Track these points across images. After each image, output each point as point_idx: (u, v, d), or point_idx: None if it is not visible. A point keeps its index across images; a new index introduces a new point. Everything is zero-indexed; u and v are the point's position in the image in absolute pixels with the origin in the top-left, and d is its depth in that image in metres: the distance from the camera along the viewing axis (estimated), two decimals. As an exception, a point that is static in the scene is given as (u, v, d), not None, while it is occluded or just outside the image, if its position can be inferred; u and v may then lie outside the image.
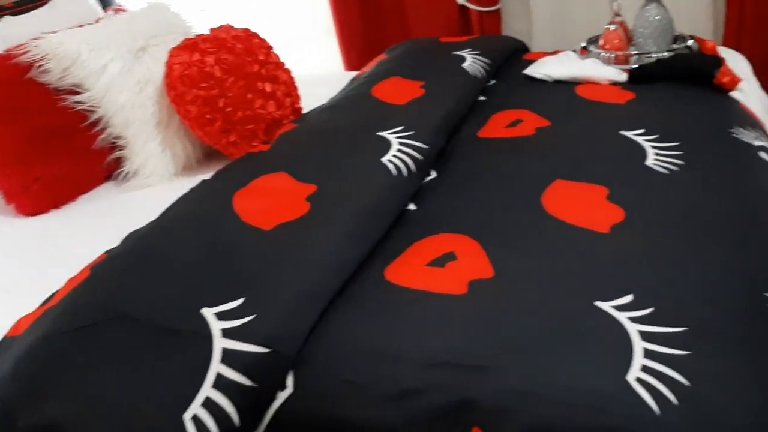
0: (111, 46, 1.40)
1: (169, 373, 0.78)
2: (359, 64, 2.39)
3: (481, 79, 1.59)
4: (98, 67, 1.36)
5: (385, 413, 0.74)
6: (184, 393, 0.75)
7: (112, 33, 1.43)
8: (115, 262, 0.95)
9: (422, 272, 0.91)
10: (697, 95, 1.43)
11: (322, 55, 2.65)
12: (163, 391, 0.76)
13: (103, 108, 1.37)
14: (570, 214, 1.01)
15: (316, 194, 1.04)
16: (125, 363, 0.80)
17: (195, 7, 2.54)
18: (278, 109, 1.40)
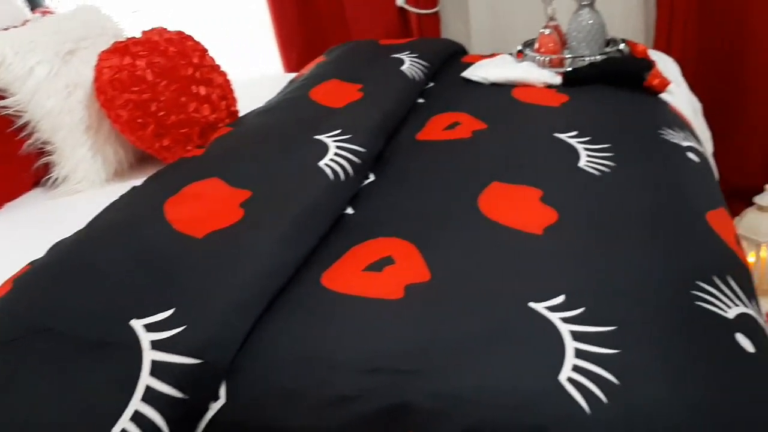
0: (37, 50, 1.35)
1: (96, 387, 0.75)
2: (299, 65, 2.37)
3: (420, 81, 1.59)
4: (24, 71, 1.31)
5: (320, 420, 0.74)
6: (112, 407, 0.73)
7: (38, 36, 1.38)
8: (39, 273, 0.91)
9: (359, 277, 0.91)
10: (628, 97, 1.47)
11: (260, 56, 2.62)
12: (90, 406, 0.74)
13: (29, 113, 1.32)
14: (505, 216, 1.02)
15: (250, 200, 1.02)
16: (50, 378, 0.77)
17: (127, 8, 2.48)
18: (213, 113, 1.37)
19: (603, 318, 0.79)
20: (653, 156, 1.20)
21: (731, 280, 0.89)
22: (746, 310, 0.85)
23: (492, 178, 1.14)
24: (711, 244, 0.97)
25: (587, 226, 0.98)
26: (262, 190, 1.04)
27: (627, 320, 0.78)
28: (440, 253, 0.94)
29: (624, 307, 0.81)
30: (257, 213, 0.98)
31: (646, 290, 0.84)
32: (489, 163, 1.20)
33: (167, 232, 0.95)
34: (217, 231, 0.94)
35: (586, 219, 1.00)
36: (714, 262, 0.92)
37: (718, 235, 0.99)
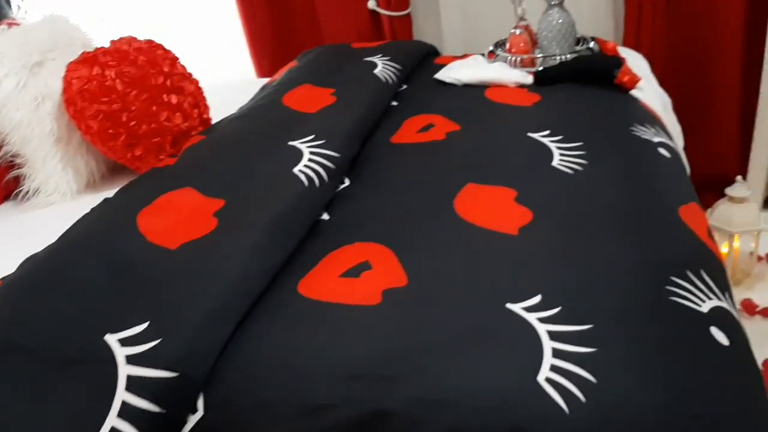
0: (5, 62, 1.33)
1: (71, 405, 0.75)
2: (271, 69, 2.36)
3: (393, 84, 1.59)
4: (-9, 84, 1.30)
5: (300, 430, 0.74)
6: (88, 425, 0.73)
7: (5, 47, 1.36)
8: (11, 289, 0.90)
9: (336, 284, 0.90)
10: (598, 95, 1.49)
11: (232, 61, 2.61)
12: (65, 424, 0.74)
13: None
14: (481, 218, 1.02)
15: (224, 209, 1.01)
16: (24, 397, 0.76)
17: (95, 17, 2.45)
18: (185, 121, 1.36)
19: (579, 317, 0.79)
20: (625, 153, 1.21)
21: (704, 274, 0.90)
22: (720, 303, 0.86)
23: (467, 179, 1.14)
24: (684, 238, 0.98)
25: (561, 224, 0.99)
26: (236, 199, 1.04)
27: (603, 318, 0.79)
28: (417, 257, 0.94)
29: (600, 305, 0.81)
30: (231, 222, 0.98)
31: (621, 287, 0.85)
32: (463, 164, 1.21)
33: (141, 244, 0.94)
34: (191, 242, 0.93)
35: (560, 218, 1.01)
36: (687, 257, 0.93)
37: (691, 229, 1.00)
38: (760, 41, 2.07)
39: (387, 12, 2.26)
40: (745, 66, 2.18)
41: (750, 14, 2.10)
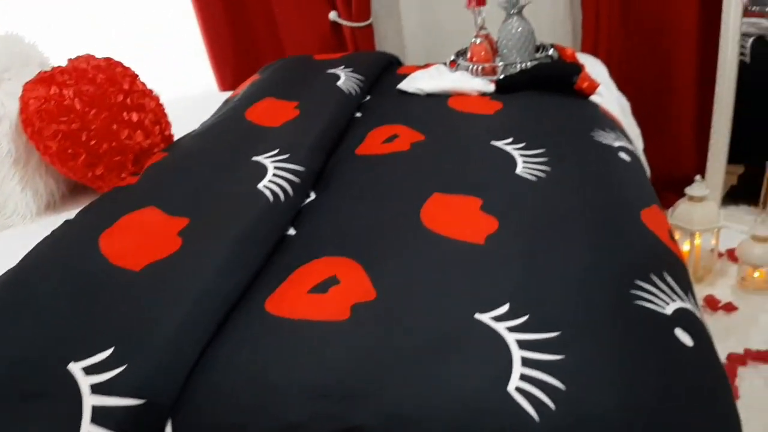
0: (-41, 83, 1.30)
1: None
2: (233, 82, 2.35)
3: (356, 96, 1.59)
4: (-55, 106, 1.26)
5: (271, 450, 0.73)
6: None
7: (-40, 69, 1.33)
8: (-31, 317, 0.87)
9: (304, 300, 0.90)
10: (559, 101, 1.51)
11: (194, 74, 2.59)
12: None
13: (-46, 148, 1.27)
14: (448, 228, 1.03)
15: (188, 228, 0.99)
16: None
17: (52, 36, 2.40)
18: (147, 138, 1.35)
19: (547, 324, 0.80)
20: (587, 158, 1.23)
21: (667, 275, 0.91)
22: (683, 304, 0.87)
23: (433, 189, 1.14)
24: (646, 241, 0.99)
25: (527, 232, 1.00)
26: (200, 217, 1.02)
27: (570, 325, 0.80)
28: (385, 270, 0.94)
29: (566, 312, 0.82)
30: (196, 241, 0.96)
31: (587, 293, 0.86)
32: (429, 174, 1.21)
33: (104, 267, 0.92)
34: (155, 262, 0.92)
35: (525, 225, 1.01)
36: (650, 260, 0.94)
37: (653, 232, 1.02)
38: (713, 44, 2.13)
39: (348, 23, 2.27)
40: (700, 68, 2.23)
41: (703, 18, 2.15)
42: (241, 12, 2.38)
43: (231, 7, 2.36)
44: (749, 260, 1.91)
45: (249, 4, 2.36)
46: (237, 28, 2.39)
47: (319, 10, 2.30)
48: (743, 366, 1.66)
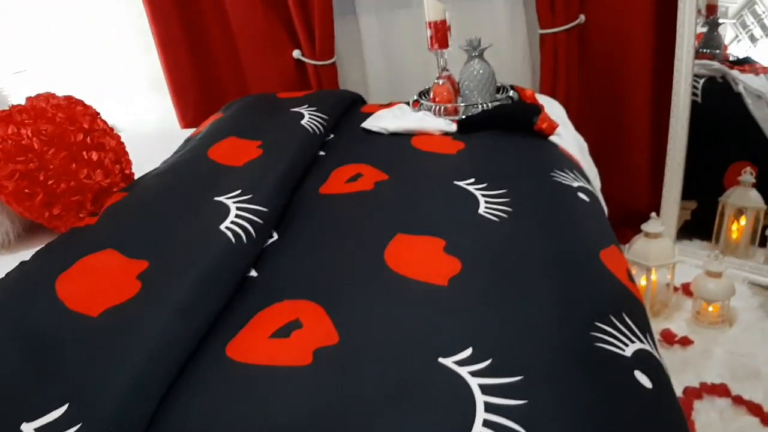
0: None
1: None
2: (195, 118, 2.34)
3: (320, 134, 1.60)
4: None
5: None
6: None
7: None
8: None
9: (266, 345, 0.88)
10: (519, 142, 1.54)
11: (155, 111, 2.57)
12: None
13: None
14: (411, 269, 1.03)
15: (147, 271, 0.98)
16: None
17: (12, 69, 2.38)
18: (106, 178, 1.32)
19: (509, 368, 0.80)
20: (547, 199, 1.25)
21: (626, 316, 0.93)
22: (642, 345, 0.89)
23: (396, 229, 1.15)
24: (606, 282, 1.01)
25: (489, 273, 1.01)
26: (161, 260, 1.01)
27: (532, 368, 0.80)
28: (348, 313, 0.94)
29: (528, 355, 0.83)
30: (155, 284, 0.94)
31: (548, 335, 0.86)
32: (393, 214, 1.22)
33: (60, 312, 0.89)
34: (113, 307, 0.90)
35: (488, 267, 1.02)
36: (610, 301, 0.96)
37: (612, 272, 1.04)
38: (666, 85, 2.20)
39: (312, 61, 2.28)
40: (654, 108, 2.31)
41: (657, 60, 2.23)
42: (203, 48, 2.37)
43: (194, 43, 2.36)
44: (703, 295, 1.96)
45: (212, 40, 2.37)
46: (199, 63, 2.38)
47: (283, 48, 2.32)
48: (699, 399, 1.69)
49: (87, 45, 2.54)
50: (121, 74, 2.57)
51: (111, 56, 2.55)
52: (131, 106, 2.61)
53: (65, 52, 2.55)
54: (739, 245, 2.29)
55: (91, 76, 2.57)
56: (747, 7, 2.13)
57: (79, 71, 2.57)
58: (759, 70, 2.17)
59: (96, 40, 2.53)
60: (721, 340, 1.92)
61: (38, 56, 2.55)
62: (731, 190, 2.27)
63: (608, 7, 2.19)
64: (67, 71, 2.57)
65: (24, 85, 2.47)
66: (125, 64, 2.55)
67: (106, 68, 2.57)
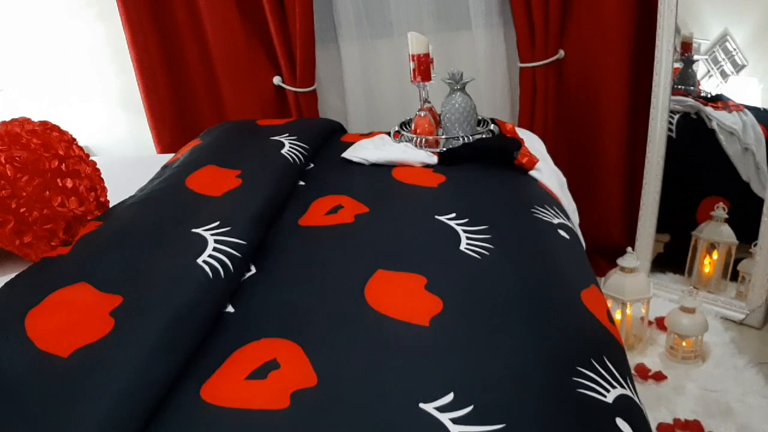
0: None
1: None
2: (172, 144, 2.31)
3: (301, 164, 1.59)
4: None
5: None
6: None
7: None
8: None
9: (242, 387, 0.86)
10: (500, 176, 1.54)
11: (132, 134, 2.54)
12: None
13: None
14: (392, 308, 1.01)
15: (121, 307, 0.94)
16: None
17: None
18: (81, 205, 1.29)
19: (490, 415, 0.79)
20: (528, 236, 1.25)
21: (607, 360, 0.93)
22: (623, 391, 0.88)
23: (377, 265, 1.13)
24: (587, 325, 1.01)
25: (471, 314, 1.00)
26: (134, 295, 0.97)
27: (513, 416, 0.79)
28: (327, 354, 0.92)
29: (510, 401, 0.82)
30: (128, 322, 0.91)
31: (530, 381, 0.85)
32: (373, 249, 1.20)
33: (29, 353, 0.85)
34: (84, 347, 0.86)
35: (469, 307, 1.01)
36: (591, 344, 0.95)
37: (593, 314, 1.04)
38: (641, 120, 2.24)
39: (293, 88, 2.28)
40: (629, 143, 2.34)
41: (634, 95, 2.27)
42: (182, 72, 2.35)
43: (172, 67, 2.34)
44: (677, 330, 1.98)
45: (191, 65, 2.35)
46: (178, 88, 2.36)
47: (264, 75, 2.31)
48: (673, 436, 1.70)
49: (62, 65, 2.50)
50: (97, 96, 2.54)
51: (88, 78, 2.51)
52: (108, 129, 2.57)
53: (40, 72, 2.51)
54: (711, 279, 2.32)
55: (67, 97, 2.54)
56: (719, 44, 2.17)
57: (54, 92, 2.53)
58: (732, 107, 2.21)
59: (72, 61, 2.50)
60: (694, 375, 1.93)
61: (13, 76, 2.50)
62: (704, 224, 2.30)
63: (587, 44, 2.23)
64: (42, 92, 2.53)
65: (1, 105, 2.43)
66: (102, 86, 2.52)
67: (83, 90, 2.53)
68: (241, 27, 2.25)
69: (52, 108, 2.50)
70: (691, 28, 2.17)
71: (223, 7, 2.22)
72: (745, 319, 2.16)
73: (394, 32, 2.31)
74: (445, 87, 1.73)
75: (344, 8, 2.29)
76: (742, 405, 1.77)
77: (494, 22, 2.26)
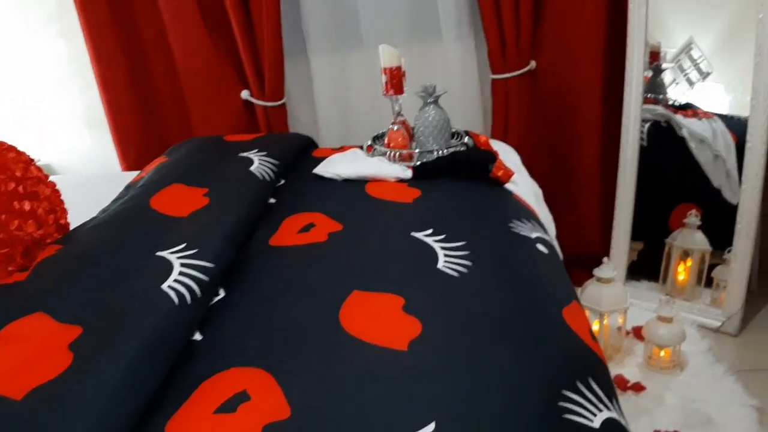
0: None
1: None
2: (137, 161, 2.24)
3: (271, 182, 1.54)
4: None
5: None
6: None
7: None
8: None
9: (210, 422, 0.81)
10: (476, 189, 1.51)
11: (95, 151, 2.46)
12: None
13: None
14: (369, 332, 0.97)
15: (80, 339, 0.89)
16: None
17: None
18: (39, 228, 1.23)
19: (476, 446, 0.75)
20: (506, 252, 1.22)
21: (593, 382, 0.89)
22: (609, 414, 0.85)
23: (352, 286, 1.09)
24: (570, 345, 0.98)
25: (451, 337, 0.96)
26: (95, 325, 0.92)
27: (500, 445, 0.76)
28: (300, 383, 0.87)
29: (496, 430, 0.78)
30: (89, 356, 0.85)
31: (514, 409, 0.82)
32: (348, 269, 1.16)
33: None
34: (40, 387, 0.80)
35: (449, 329, 0.97)
36: (576, 366, 0.92)
37: (576, 333, 1.01)
38: (614, 129, 2.24)
39: (261, 102, 2.23)
40: (603, 151, 2.34)
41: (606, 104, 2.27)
42: (147, 87, 2.29)
43: (137, 82, 2.27)
44: (655, 340, 1.96)
45: (156, 80, 2.28)
46: (143, 103, 2.29)
47: (231, 89, 2.26)
48: (653, 448, 1.68)
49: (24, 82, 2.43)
50: (60, 112, 2.46)
51: (49, 94, 2.44)
52: (72, 146, 2.50)
53: (0, 89, 2.44)
54: (685, 286, 2.32)
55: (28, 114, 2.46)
56: (684, 52, 2.18)
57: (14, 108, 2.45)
58: (701, 115, 2.22)
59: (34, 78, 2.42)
60: (673, 385, 1.92)
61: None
62: (677, 232, 2.30)
63: (559, 54, 2.22)
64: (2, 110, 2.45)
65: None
66: (65, 103, 2.45)
67: (45, 106, 2.46)
68: (208, 40, 2.19)
69: (13, 126, 2.42)
70: (658, 37, 2.18)
71: (189, 20, 2.17)
72: (722, 327, 2.16)
73: (365, 44, 2.28)
74: (417, 99, 1.70)
75: (313, 20, 2.25)
76: (722, 415, 1.76)
77: (465, 33, 2.24)
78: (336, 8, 2.26)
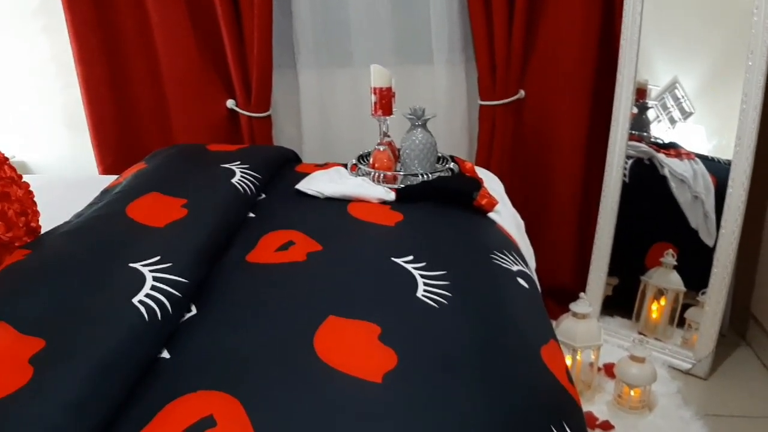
0: None
1: None
2: (115, 164, 2.20)
3: (252, 195, 1.51)
4: None
5: None
6: None
7: None
8: None
9: (173, 448, 0.78)
10: (459, 217, 1.50)
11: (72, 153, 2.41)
12: None
13: None
14: (343, 360, 0.94)
15: (42, 352, 0.84)
16: None
17: None
18: (8, 231, 1.18)
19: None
20: (487, 285, 1.20)
21: (566, 425, 0.88)
22: (582, 459, 0.84)
23: (328, 311, 1.06)
24: (547, 385, 0.96)
25: (426, 370, 0.93)
26: (59, 338, 0.87)
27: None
28: (269, 412, 0.83)
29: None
30: (49, 371, 0.81)
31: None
32: (325, 292, 1.13)
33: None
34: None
35: (425, 362, 0.95)
36: (551, 408, 0.91)
37: (553, 373, 0.99)
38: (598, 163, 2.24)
39: (247, 112, 2.20)
40: (584, 185, 2.35)
41: (591, 139, 2.28)
42: (130, 90, 2.24)
43: (119, 83, 2.23)
44: (627, 380, 1.96)
45: (139, 82, 2.24)
46: (123, 106, 2.24)
47: (216, 97, 2.22)
48: (620, 491, 1.67)
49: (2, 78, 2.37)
50: (37, 111, 2.41)
51: (28, 91, 2.38)
52: (49, 145, 2.44)
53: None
54: (658, 325, 2.33)
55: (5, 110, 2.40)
56: (668, 91, 2.21)
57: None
58: (683, 155, 2.24)
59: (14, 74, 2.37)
60: (641, 426, 1.91)
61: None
62: (653, 270, 2.31)
63: (548, 85, 2.23)
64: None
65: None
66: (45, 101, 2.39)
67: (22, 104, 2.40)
68: (195, 46, 2.16)
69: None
70: (644, 75, 2.20)
71: (177, 25, 2.14)
72: (692, 369, 2.17)
73: (354, 62, 2.27)
74: (404, 121, 1.68)
75: (304, 34, 2.24)
76: (688, 460, 1.76)
77: (456, 58, 2.24)
78: (328, 24, 2.25)
